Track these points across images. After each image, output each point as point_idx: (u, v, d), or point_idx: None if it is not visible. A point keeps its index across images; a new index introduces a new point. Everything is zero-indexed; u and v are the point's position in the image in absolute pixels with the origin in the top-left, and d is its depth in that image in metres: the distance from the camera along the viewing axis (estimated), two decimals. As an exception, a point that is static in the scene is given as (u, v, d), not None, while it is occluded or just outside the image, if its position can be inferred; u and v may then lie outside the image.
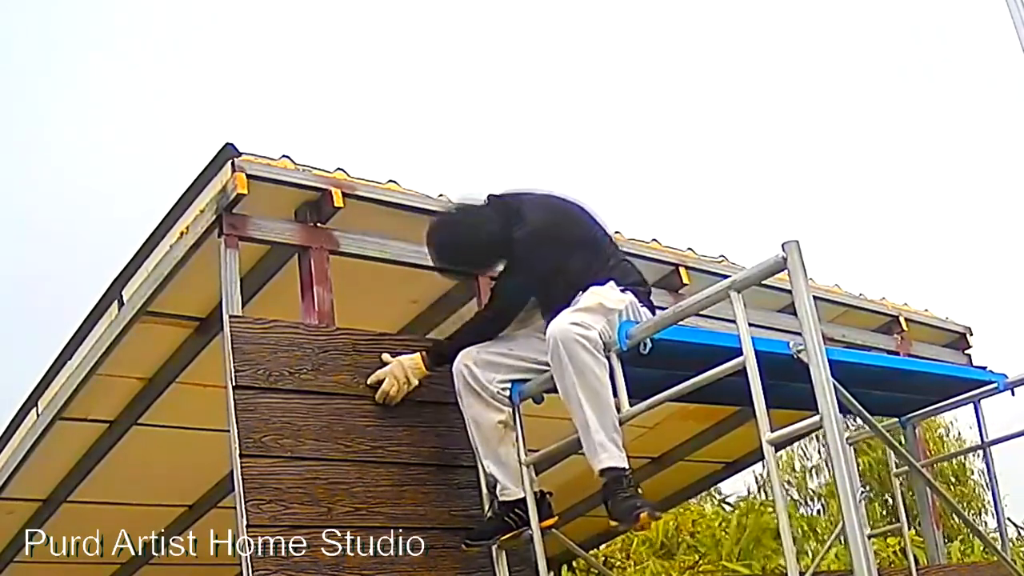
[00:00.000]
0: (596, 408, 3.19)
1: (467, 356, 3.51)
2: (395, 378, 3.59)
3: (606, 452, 3.18)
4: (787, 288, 2.83)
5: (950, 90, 21.76)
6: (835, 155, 23.07)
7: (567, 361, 3.21)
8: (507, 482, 3.46)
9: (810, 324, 2.76)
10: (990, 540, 4.42)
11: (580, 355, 3.20)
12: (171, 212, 4.02)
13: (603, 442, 3.18)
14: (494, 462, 3.48)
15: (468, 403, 3.50)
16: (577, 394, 3.20)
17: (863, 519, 3.22)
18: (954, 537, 10.67)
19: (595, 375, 3.20)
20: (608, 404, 3.21)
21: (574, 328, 3.22)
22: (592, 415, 3.19)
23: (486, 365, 3.49)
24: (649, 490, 6.56)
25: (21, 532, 5.81)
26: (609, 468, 3.18)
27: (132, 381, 4.79)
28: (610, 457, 3.18)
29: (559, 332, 3.23)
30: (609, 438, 3.19)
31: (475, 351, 3.51)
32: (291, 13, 24.42)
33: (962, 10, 14.84)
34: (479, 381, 3.46)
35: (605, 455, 3.18)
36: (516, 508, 3.46)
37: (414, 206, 4.12)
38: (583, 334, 3.21)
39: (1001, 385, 4.17)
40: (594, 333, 3.23)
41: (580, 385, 3.20)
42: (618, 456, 3.19)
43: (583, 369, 3.20)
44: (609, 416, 3.21)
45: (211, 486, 5.53)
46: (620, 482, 3.17)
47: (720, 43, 23.67)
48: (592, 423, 3.19)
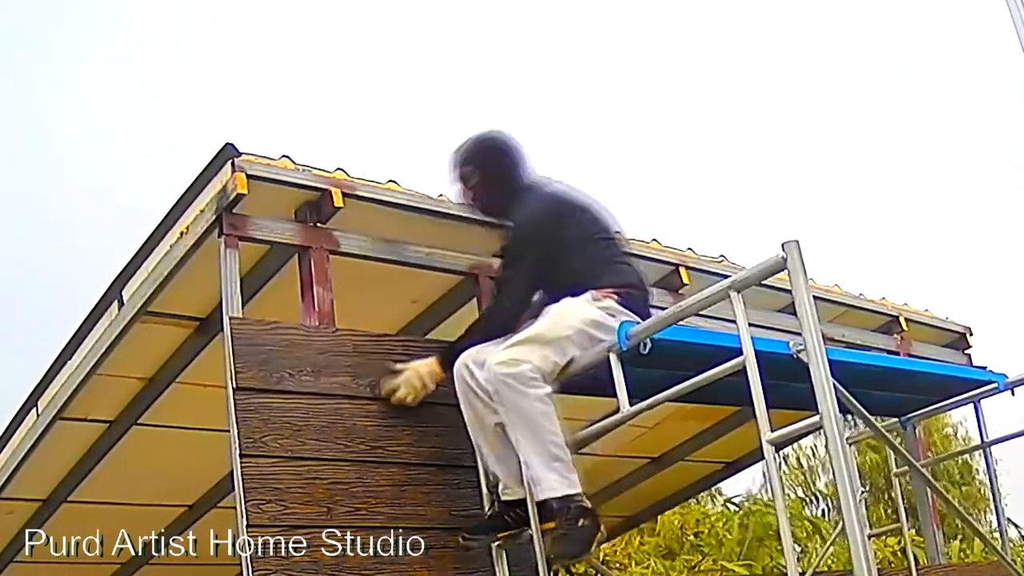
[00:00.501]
0: (532, 442, 3.27)
1: (467, 356, 3.52)
2: (412, 386, 3.60)
3: (538, 487, 3.28)
4: (787, 288, 2.83)
5: (950, 90, 21.76)
6: (835, 155, 23.07)
7: (499, 400, 3.32)
8: (509, 481, 3.48)
9: (810, 324, 2.76)
10: (990, 540, 4.41)
11: (507, 395, 3.29)
12: (171, 212, 4.02)
13: (535, 477, 3.28)
14: (496, 461, 3.49)
15: (470, 403, 3.50)
16: (514, 431, 3.31)
17: (863, 519, 3.22)
18: (955, 537, 10.67)
19: (531, 408, 3.27)
20: (544, 436, 3.27)
21: (498, 369, 3.31)
22: (528, 449, 3.28)
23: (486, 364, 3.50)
24: (649, 490, 6.62)
25: (21, 532, 5.81)
26: (544, 501, 3.28)
27: (132, 381, 4.79)
28: (544, 490, 3.27)
29: (487, 372, 3.34)
30: (548, 466, 3.26)
31: (475, 351, 3.52)
32: (291, 13, 24.43)
33: (962, 10, 14.83)
34: (479, 381, 3.47)
35: (538, 489, 3.29)
36: (517, 508, 3.47)
37: (414, 206, 4.12)
38: (507, 372, 3.29)
39: (1001, 385, 4.17)
40: (524, 368, 3.28)
41: (513, 423, 3.31)
42: (556, 487, 3.25)
43: (511, 407, 3.29)
44: (546, 446, 3.27)
45: (211, 486, 5.53)
46: (562, 512, 3.25)
47: (720, 43, 23.66)
48: (528, 459, 3.29)
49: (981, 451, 5.29)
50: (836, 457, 2.67)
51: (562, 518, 3.24)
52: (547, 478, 3.26)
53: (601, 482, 5.84)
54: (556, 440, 3.28)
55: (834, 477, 2.71)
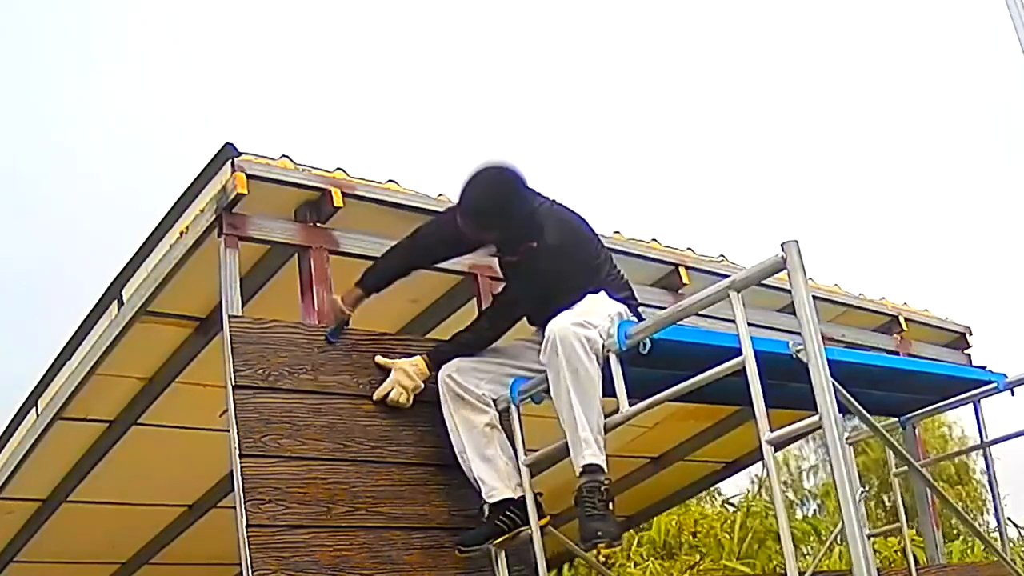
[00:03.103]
0: (585, 406, 3.24)
1: (449, 367, 3.58)
2: (402, 387, 3.62)
3: (590, 448, 3.24)
4: (787, 288, 2.83)
5: (950, 90, 21.75)
6: (835, 155, 23.07)
7: (563, 357, 3.24)
8: (495, 483, 3.49)
9: (810, 324, 2.76)
10: (990, 540, 4.41)
11: (577, 352, 3.24)
12: (171, 212, 4.02)
13: (588, 439, 3.24)
14: (481, 463, 3.51)
15: (454, 408, 3.55)
16: (568, 389, 3.24)
17: (863, 519, 3.22)
18: (955, 537, 10.67)
19: (588, 375, 3.24)
20: (596, 406, 3.26)
21: (575, 328, 3.26)
22: (580, 412, 3.23)
23: (471, 371, 3.56)
24: (649, 490, 6.62)
25: (21, 532, 5.81)
26: (591, 465, 3.23)
27: (132, 381, 4.79)
28: (593, 454, 3.23)
29: (559, 329, 3.27)
30: (594, 437, 3.24)
31: (457, 361, 3.58)
32: (291, 13, 24.43)
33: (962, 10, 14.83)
34: (463, 386, 3.53)
35: (588, 451, 3.24)
36: (507, 510, 3.47)
37: (414, 206, 4.12)
38: (583, 334, 3.25)
39: (1001, 385, 4.18)
40: (594, 333, 3.27)
41: (572, 381, 3.24)
42: (600, 456, 3.24)
43: (577, 367, 3.24)
44: (595, 417, 3.26)
45: (211, 486, 5.53)
46: (593, 492, 3.21)
47: (720, 43, 23.67)
48: (580, 420, 3.23)
49: (980, 451, 5.28)
50: (836, 457, 2.67)
51: (596, 497, 3.20)
52: (594, 446, 3.23)
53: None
54: (602, 417, 3.28)
55: (833, 477, 2.71)
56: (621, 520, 6.99)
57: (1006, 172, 18.17)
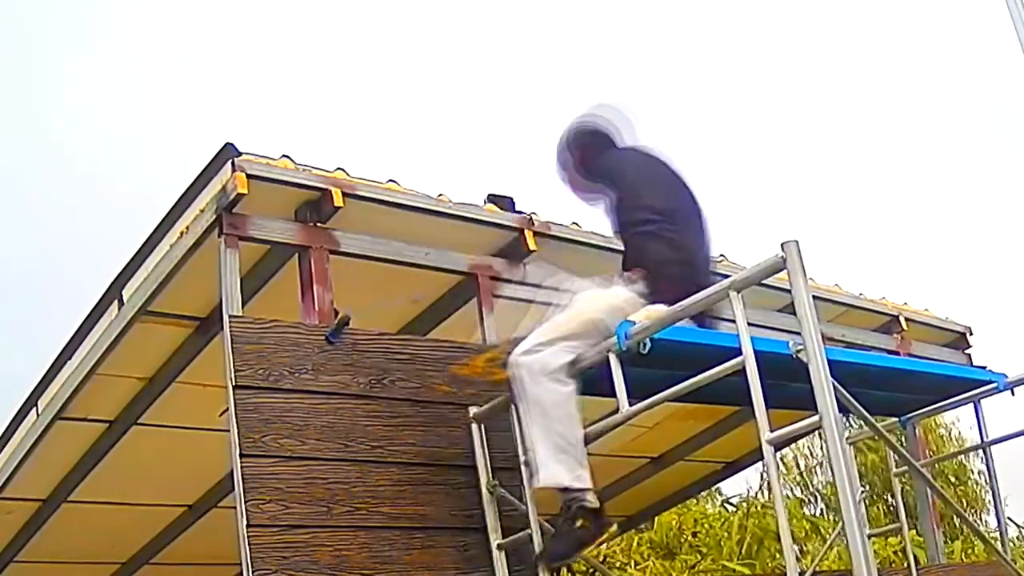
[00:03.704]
0: (542, 430, 3.26)
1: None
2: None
3: (544, 471, 3.25)
4: (787, 288, 2.83)
5: (950, 90, 21.75)
6: (835, 155, 23.07)
7: (518, 387, 3.33)
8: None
9: (810, 324, 2.76)
10: (990, 540, 4.41)
11: (526, 384, 3.31)
12: (171, 212, 4.02)
13: (543, 462, 3.25)
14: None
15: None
16: (526, 414, 3.32)
17: (863, 519, 3.22)
18: (955, 537, 10.67)
19: (540, 401, 3.28)
20: (555, 426, 3.26)
21: (522, 358, 3.33)
22: (538, 436, 3.27)
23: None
24: (649, 490, 6.62)
25: (21, 532, 5.81)
26: (543, 488, 3.27)
27: (132, 381, 4.79)
28: (547, 477, 3.24)
29: (512, 360, 3.35)
30: (554, 458, 3.24)
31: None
32: (291, 13, 24.43)
33: (962, 10, 14.83)
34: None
35: (542, 474, 3.25)
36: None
37: (414, 206, 4.12)
38: (527, 362, 3.31)
39: (1001, 385, 4.17)
40: (547, 354, 3.29)
41: (527, 411, 3.31)
42: (556, 477, 3.24)
43: (527, 396, 3.31)
44: (553, 438, 3.26)
45: (211, 486, 5.53)
46: (564, 510, 3.25)
47: (720, 43, 23.66)
48: (537, 444, 3.27)
49: (980, 451, 5.28)
50: (836, 457, 2.67)
51: (560, 515, 3.24)
52: (552, 466, 3.24)
53: (601, 482, 5.83)
54: (568, 434, 3.27)
55: (833, 477, 2.71)
56: (621, 519, 7.00)
57: (1006, 172, 18.16)
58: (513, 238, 4.37)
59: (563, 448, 3.26)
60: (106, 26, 24.37)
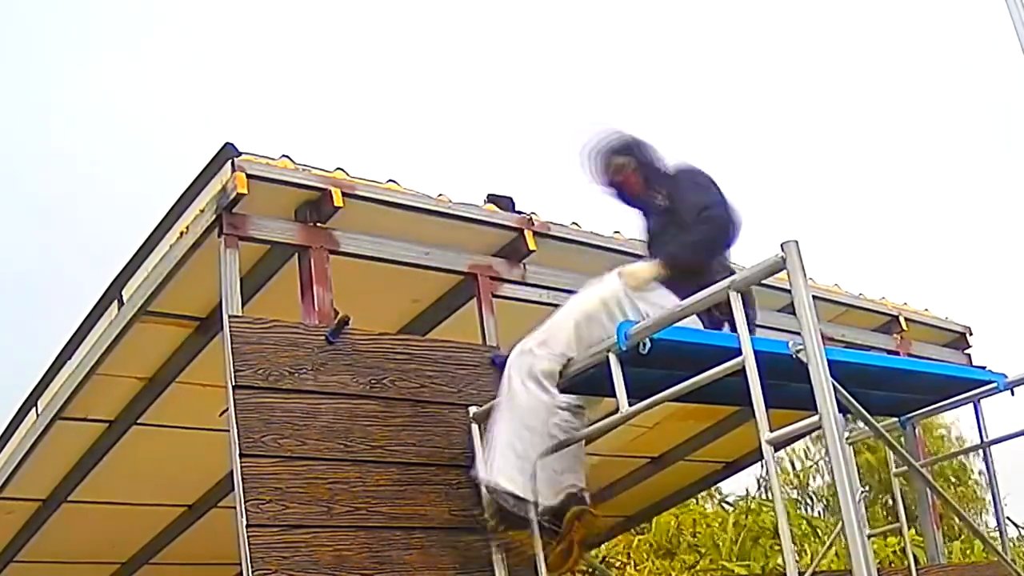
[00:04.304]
0: (509, 429, 3.33)
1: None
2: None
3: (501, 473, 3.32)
4: (787, 288, 2.83)
5: (950, 90, 21.76)
6: (835, 155, 23.07)
7: (504, 381, 3.40)
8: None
9: (809, 324, 2.76)
10: (990, 540, 4.41)
11: (513, 383, 3.37)
12: (171, 212, 4.02)
13: (500, 464, 3.33)
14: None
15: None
16: (498, 411, 3.40)
17: (863, 519, 3.22)
18: (955, 537, 10.67)
19: (518, 400, 3.34)
20: (523, 431, 3.31)
21: (521, 359, 3.39)
22: (502, 431, 3.34)
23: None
24: (649, 490, 6.62)
25: (21, 532, 5.81)
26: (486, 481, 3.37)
27: (132, 381, 4.79)
28: (503, 480, 3.31)
29: (511, 356, 3.43)
30: (515, 464, 3.29)
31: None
32: (291, 13, 24.43)
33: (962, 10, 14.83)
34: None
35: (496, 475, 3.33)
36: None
37: (414, 206, 4.12)
38: (524, 364, 3.37)
39: (1001, 385, 4.17)
40: (542, 359, 3.34)
41: (502, 405, 3.39)
42: (494, 475, 3.33)
43: (508, 393, 3.38)
44: (515, 441, 3.31)
45: (211, 486, 5.53)
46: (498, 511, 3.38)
47: (720, 43, 23.67)
48: (498, 439, 3.35)
49: (980, 451, 5.28)
50: (835, 457, 2.67)
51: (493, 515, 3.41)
52: (500, 464, 3.33)
53: (601, 482, 5.84)
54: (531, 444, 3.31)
55: (833, 477, 2.71)
56: (621, 519, 7.01)
57: (1006, 172, 18.17)
58: (513, 238, 4.37)
59: (520, 454, 3.30)
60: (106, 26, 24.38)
